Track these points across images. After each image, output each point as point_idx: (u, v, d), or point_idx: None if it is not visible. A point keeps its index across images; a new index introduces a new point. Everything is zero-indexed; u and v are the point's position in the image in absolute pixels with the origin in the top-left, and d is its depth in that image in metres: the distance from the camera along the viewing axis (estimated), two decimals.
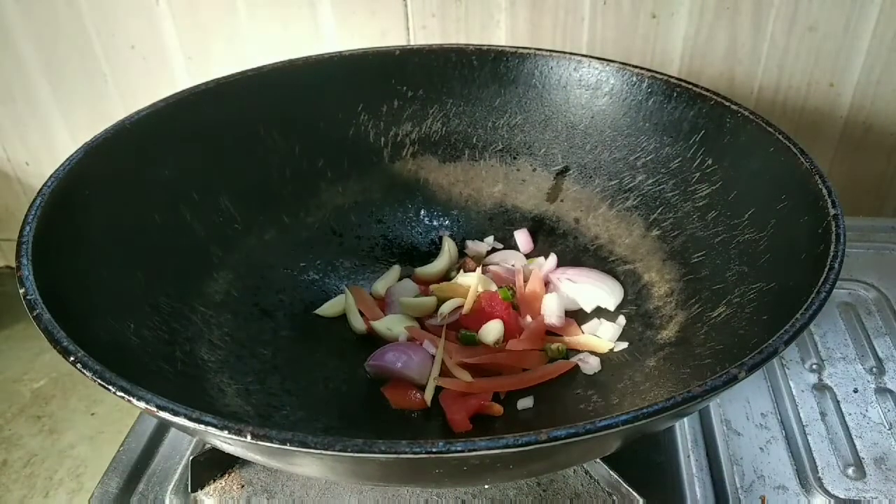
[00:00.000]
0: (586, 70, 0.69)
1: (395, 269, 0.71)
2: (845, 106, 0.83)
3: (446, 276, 0.70)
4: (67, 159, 0.55)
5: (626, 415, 0.35)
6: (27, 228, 0.48)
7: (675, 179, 0.64)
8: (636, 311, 0.63)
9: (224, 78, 0.67)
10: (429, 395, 0.57)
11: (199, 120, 0.64)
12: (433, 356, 0.60)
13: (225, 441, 0.38)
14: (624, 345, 0.61)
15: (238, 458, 0.57)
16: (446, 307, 0.64)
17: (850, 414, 0.61)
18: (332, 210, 0.73)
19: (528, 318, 0.63)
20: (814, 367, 0.66)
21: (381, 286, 0.69)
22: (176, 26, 0.85)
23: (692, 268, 0.61)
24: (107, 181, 0.57)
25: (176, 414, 0.36)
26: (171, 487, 0.57)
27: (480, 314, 0.62)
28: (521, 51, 0.71)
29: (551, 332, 0.63)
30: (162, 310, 0.56)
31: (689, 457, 0.58)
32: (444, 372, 0.59)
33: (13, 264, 0.46)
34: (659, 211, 0.66)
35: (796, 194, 0.53)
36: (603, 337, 0.62)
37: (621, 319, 0.63)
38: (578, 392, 0.58)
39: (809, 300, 0.42)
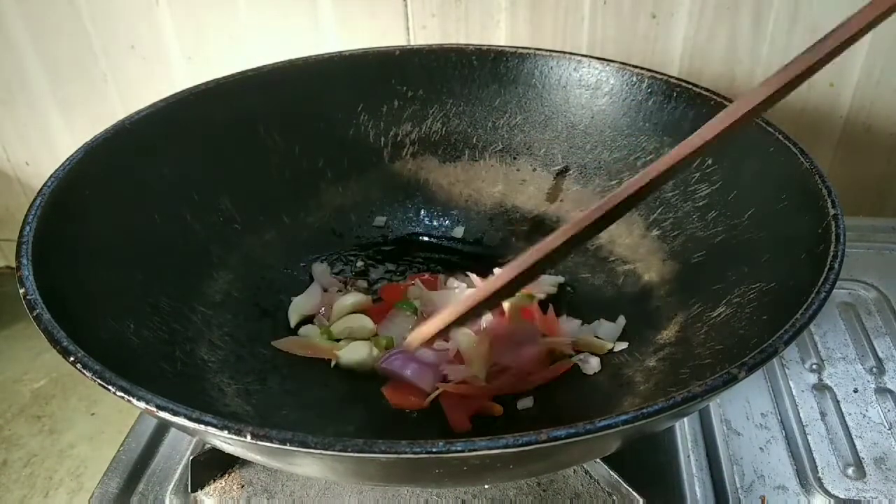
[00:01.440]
0: (586, 70, 0.69)
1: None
2: (845, 106, 0.83)
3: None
4: (67, 159, 0.55)
5: (625, 415, 0.35)
6: (27, 228, 0.48)
7: (674, 179, 0.64)
8: (636, 310, 0.63)
9: (224, 78, 0.67)
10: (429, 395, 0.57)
11: (199, 120, 0.64)
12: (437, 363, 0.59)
13: (225, 441, 0.38)
14: (624, 345, 0.61)
15: (238, 458, 0.57)
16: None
17: (850, 414, 0.61)
18: (332, 210, 0.73)
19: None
20: (814, 367, 0.66)
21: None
22: (176, 26, 0.85)
23: (692, 268, 0.61)
24: (107, 181, 0.57)
25: (176, 414, 0.36)
26: (171, 487, 0.57)
27: None
28: (520, 51, 0.71)
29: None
30: (162, 310, 0.56)
31: (689, 457, 0.58)
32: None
33: (13, 264, 0.46)
34: (659, 211, 0.66)
35: (796, 194, 0.53)
36: (603, 337, 0.62)
37: (621, 319, 0.63)
38: (578, 392, 0.58)
39: (809, 300, 0.42)
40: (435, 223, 0.76)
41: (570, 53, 0.70)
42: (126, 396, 0.37)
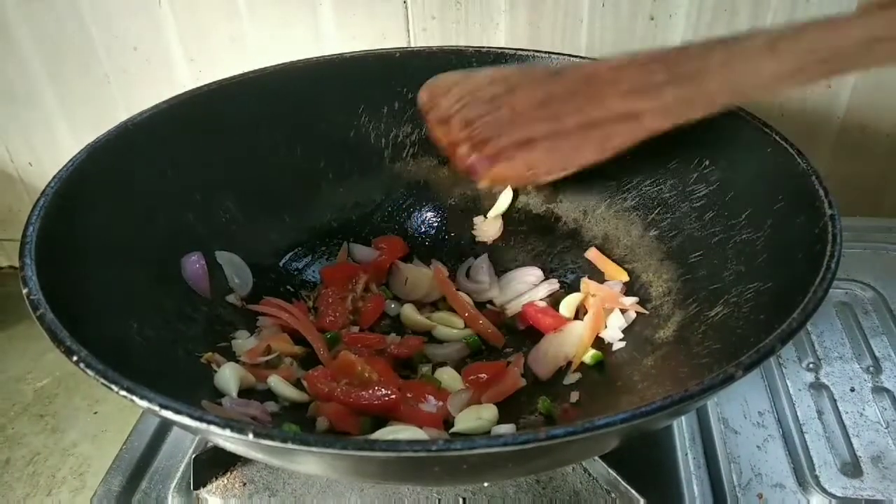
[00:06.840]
0: None
1: None
2: (842, 107, 0.83)
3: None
4: (70, 160, 0.55)
5: (623, 414, 0.36)
6: (30, 228, 0.48)
7: (672, 180, 0.65)
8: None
9: (226, 79, 0.67)
10: None
11: (201, 121, 0.65)
12: None
13: (227, 440, 0.38)
14: (622, 344, 0.61)
15: (240, 456, 0.57)
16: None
17: (846, 412, 0.61)
18: (333, 210, 0.73)
19: None
20: (811, 365, 0.66)
21: None
22: (178, 28, 0.86)
23: (690, 268, 0.61)
24: (110, 181, 0.57)
25: (178, 413, 0.36)
26: (173, 485, 0.58)
27: None
28: (520, 52, 0.71)
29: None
30: (165, 309, 0.57)
31: (687, 455, 0.58)
32: None
33: (17, 264, 0.46)
34: (657, 211, 0.66)
35: (793, 195, 0.53)
36: (610, 326, 0.62)
37: (631, 314, 0.63)
38: (577, 391, 0.58)
39: (806, 300, 0.43)
40: (435, 223, 0.76)
41: (569, 55, 0.70)
42: (129, 396, 0.37)
